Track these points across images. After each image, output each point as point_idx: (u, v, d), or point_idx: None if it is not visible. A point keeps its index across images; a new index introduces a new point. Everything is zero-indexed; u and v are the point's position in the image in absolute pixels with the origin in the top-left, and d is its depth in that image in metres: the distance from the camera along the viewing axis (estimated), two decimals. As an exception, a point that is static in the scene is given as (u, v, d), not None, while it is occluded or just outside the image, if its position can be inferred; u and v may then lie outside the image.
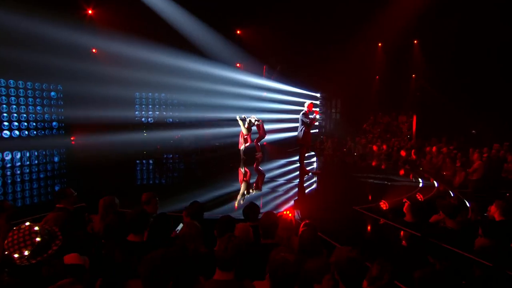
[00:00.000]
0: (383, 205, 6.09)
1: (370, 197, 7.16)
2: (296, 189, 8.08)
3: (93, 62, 13.98)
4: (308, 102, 9.23)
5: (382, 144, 13.35)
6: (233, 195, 7.26)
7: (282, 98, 16.90)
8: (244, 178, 9.49)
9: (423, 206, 4.52)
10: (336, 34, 14.77)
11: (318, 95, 18.65)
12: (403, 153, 11.87)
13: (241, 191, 7.70)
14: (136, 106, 16.84)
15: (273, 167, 11.10)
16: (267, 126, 14.92)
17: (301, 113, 9.10)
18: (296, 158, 9.81)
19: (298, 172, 9.44)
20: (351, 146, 14.03)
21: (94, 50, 14.53)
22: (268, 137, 16.06)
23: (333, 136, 15.88)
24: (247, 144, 11.38)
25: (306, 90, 17.65)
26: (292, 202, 6.52)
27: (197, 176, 10.14)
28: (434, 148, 10.91)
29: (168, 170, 11.41)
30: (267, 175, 9.72)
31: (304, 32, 15.05)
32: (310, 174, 9.53)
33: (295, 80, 16.98)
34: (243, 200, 6.84)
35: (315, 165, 11.67)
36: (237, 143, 11.91)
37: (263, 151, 13.85)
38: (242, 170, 10.36)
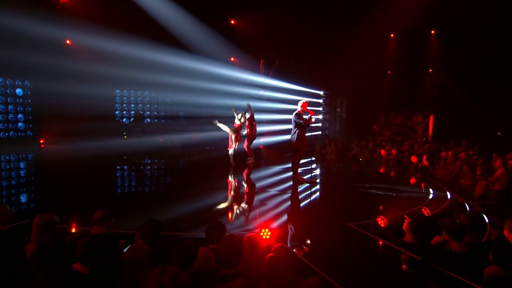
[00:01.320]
0: (381, 221, 5.89)
1: (380, 209, 6.99)
2: (286, 201, 7.86)
3: (67, 56, 13.80)
4: (302, 100, 9.09)
5: (391, 149, 13.13)
6: (212, 209, 7.04)
7: (281, 96, 16.73)
8: (230, 189, 9.30)
9: (426, 224, 4.35)
10: (342, 23, 14.65)
11: (321, 92, 18.47)
12: (414, 158, 11.71)
13: (222, 205, 7.51)
14: (117, 105, 16.73)
15: (265, 175, 10.93)
16: (263, 128, 15.09)
17: (294, 113, 8.96)
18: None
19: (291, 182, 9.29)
20: (357, 151, 13.82)
21: (68, 42, 14.39)
22: (265, 140, 16.05)
23: (338, 139, 15.69)
24: (237, 145, 11.18)
25: (308, 88, 17.43)
26: (273, 220, 6.29)
27: (176, 185, 10.01)
28: (450, 153, 10.66)
29: (147, 178, 11.25)
30: (258, 185, 9.51)
31: (306, 22, 14.88)
32: (304, 183, 9.35)
33: (295, 76, 16.78)
34: (223, 215, 6.67)
35: (313, 172, 11.32)
36: (226, 146, 11.71)
37: (260, 156, 13.70)
38: (230, 178, 10.16)
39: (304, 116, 8.96)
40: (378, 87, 18.11)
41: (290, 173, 9.46)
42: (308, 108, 9.11)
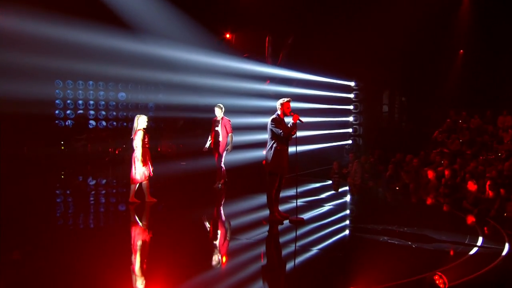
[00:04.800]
0: None
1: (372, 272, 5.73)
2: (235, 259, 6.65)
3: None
4: (282, 100, 8.23)
5: (446, 168, 11.32)
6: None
7: (295, 91, 16.18)
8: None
9: None
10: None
11: (352, 84, 17.68)
12: (471, 186, 9.89)
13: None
14: (57, 101, 16.50)
15: (240, 209, 9.64)
16: (260, 136, 13.74)
17: (271, 118, 8.13)
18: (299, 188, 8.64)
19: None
20: (393, 171, 12.19)
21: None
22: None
23: (373, 152, 14.12)
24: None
25: (333, 78, 16.89)
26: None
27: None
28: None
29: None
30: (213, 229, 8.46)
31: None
32: (286, 222, 8.27)
33: (315, 61, 16.37)
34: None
35: (322, 206, 10.10)
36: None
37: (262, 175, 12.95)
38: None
39: (287, 120, 8.02)
40: (443, 74, 17.53)
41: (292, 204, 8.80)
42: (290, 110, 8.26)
